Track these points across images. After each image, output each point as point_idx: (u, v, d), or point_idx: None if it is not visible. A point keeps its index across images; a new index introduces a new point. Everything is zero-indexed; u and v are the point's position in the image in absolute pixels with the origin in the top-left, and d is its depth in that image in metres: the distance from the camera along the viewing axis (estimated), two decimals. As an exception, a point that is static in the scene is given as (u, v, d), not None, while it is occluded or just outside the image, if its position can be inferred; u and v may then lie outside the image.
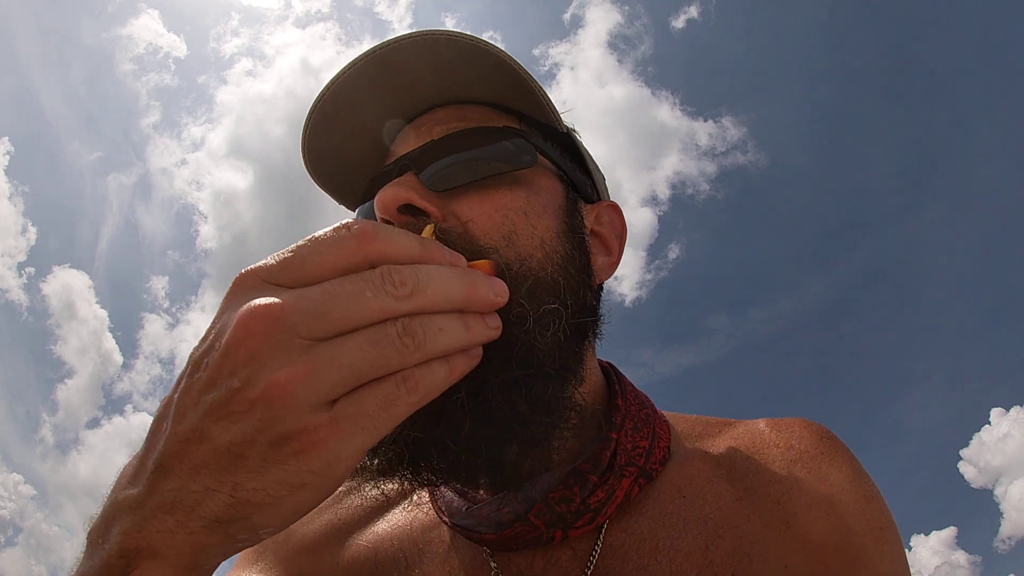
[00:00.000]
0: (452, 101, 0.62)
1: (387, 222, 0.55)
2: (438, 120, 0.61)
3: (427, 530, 0.63)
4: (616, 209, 0.69)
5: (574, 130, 0.68)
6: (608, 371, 0.67)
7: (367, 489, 0.70)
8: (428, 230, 0.52)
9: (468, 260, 0.44)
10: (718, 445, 0.65)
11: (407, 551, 0.62)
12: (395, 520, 0.66)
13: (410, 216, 0.55)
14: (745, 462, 0.62)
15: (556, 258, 0.56)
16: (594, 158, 0.72)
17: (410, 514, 0.66)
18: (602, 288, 0.67)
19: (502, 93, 0.61)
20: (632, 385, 0.67)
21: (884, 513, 0.61)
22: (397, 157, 0.60)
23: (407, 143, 0.61)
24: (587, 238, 0.63)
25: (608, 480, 0.57)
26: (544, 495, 0.55)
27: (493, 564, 0.57)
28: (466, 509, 0.58)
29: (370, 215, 0.61)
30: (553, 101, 0.63)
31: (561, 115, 0.65)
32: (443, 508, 0.61)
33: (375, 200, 0.56)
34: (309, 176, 0.66)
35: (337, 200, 0.69)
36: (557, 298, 0.54)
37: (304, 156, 0.64)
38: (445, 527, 0.62)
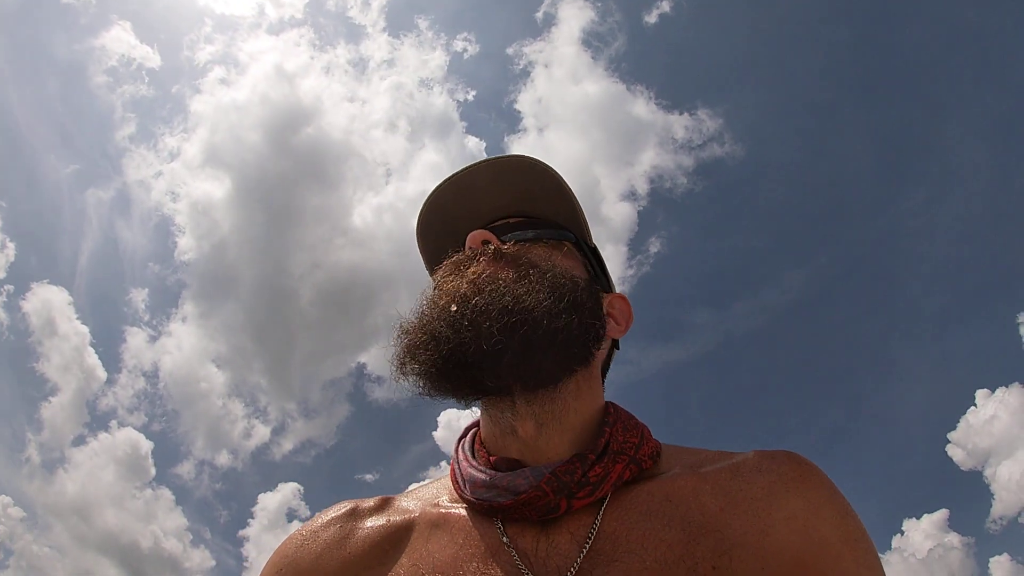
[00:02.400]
0: (520, 215, 0.90)
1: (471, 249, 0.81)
2: (510, 220, 0.90)
3: (447, 539, 0.71)
4: (626, 301, 0.88)
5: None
6: (608, 403, 0.81)
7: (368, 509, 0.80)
8: None
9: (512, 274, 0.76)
10: (707, 467, 0.73)
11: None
12: (415, 548, 0.72)
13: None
14: (730, 481, 0.70)
15: (577, 288, 0.76)
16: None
17: (426, 537, 0.73)
18: (615, 345, 0.90)
19: (555, 210, 0.89)
20: (628, 412, 0.81)
21: (859, 527, 0.67)
22: (484, 226, 0.87)
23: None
24: (602, 301, 0.83)
25: (604, 460, 0.71)
26: (552, 470, 0.69)
27: (505, 540, 0.68)
28: (490, 479, 0.71)
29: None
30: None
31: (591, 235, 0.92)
32: (466, 484, 0.74)
33: (468, 238, 0.82)
34: (416, 239, 0.92)
35: (425, 256, 0.94)
36: (575, 306, 0.73)
37: (418, 224, 0.91)
38: (465, 520, 0.72)
